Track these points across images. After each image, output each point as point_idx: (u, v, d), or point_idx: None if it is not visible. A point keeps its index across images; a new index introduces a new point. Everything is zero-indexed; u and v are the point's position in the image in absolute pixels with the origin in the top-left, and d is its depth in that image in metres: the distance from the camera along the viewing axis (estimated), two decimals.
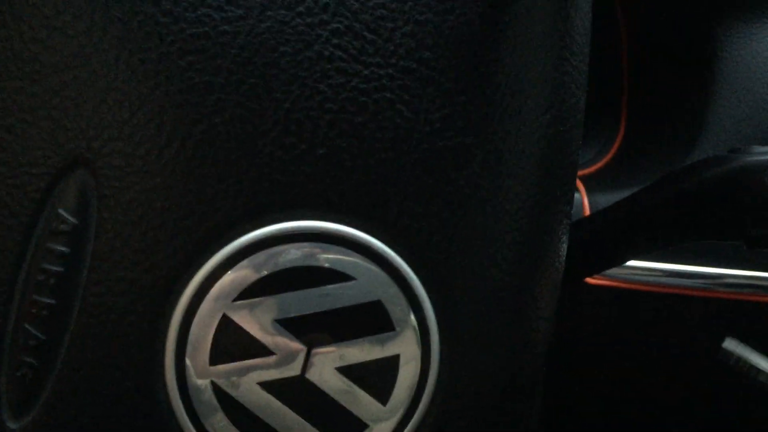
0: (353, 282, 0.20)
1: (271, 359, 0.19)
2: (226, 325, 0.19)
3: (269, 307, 0.19)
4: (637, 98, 0.49)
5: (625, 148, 0.49)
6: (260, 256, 0.19)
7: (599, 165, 0.48)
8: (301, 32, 0.20)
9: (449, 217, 0.20)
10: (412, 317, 0.20)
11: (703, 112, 0.44)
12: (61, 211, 0.19)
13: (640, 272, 0.44)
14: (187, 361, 0.19)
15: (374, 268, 0.20)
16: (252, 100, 0.19)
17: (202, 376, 0.19)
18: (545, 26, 0.21)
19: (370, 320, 0.20)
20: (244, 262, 0.19)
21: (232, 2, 0.19)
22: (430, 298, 0.20)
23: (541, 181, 0.22)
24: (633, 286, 0.44)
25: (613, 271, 0.44)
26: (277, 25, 0.20)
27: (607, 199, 0.45)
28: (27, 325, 0.19)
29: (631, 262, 0.44)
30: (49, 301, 0.19)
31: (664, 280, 0.44)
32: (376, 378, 0.20)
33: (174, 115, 0.19)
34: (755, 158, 0.32)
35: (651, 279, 0.44)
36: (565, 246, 0.24)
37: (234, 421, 0.19)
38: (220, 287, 0.19)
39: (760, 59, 0.44)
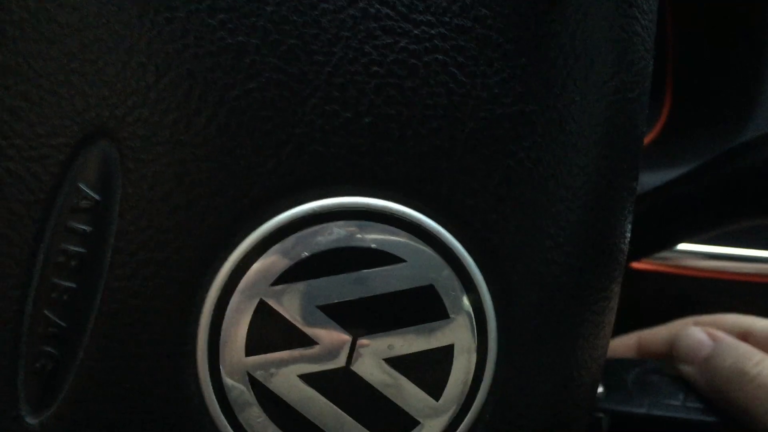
0: (402, 264, 0.18)
1: (313, 350, 0.17)
2: (263, 311, 0.17)
3: (311, 292, 0.17)
4: (682, 72, 0.46)
5: (671, 124, 0.46)
6: (299, 235, 0.17)
7: (644, 141, 0.46)
8: None
9: (507, 193, 0.18)
10: (467, 303, 0.18)
11: (755, 88, 0.42)
12: (82, 185, 0.17)
13: (687, 256, 0.42)
14: (221, 351, 0.17)
15: (425, 248, 0.18)
16: (290, 62, 0.17)
17: (237, 367, 0.17)
18: None
19: (422, 306, 0.18)
20: (282, 243, 0.17)
21: None
22: (487, 282, 0.18)
23: (607, 154, 0.20)
24: (680, 271, 0.41)
25: (660, 254, 0.42)
26: None
27: (653, 178, 0.43)
28: (46, 311, 0.17)
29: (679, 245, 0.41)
30: (70, 284, 0.17)
31: (712, 264, 0.42)
32: (428, 370, 0.18)
33: (204, 79, 0.17)
34: None
35: (699, 263, 0.42)
36: (629, 226, 0.22)
37: (272, 417, 0.18)
38: (256, 270, 0.17)
39: None
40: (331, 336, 0.17)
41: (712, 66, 0.46)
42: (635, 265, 0.41)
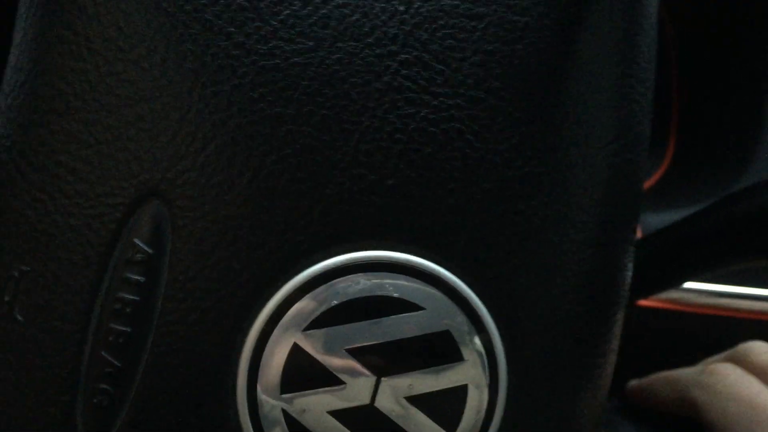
0: (422, 312, 0.20)
1: (341, 388, 0.19)
2: (296, 353, 0.19)
3: (339, 336, 0.19)
4: (686, 116, 0.48)
5: (675, 167, 0.48)
6: (330, 286, 0.19)
7: (648, 184, 0.48)
8: (370, 63, 0.20)
9: (516, 247, 0.20)
10: (480, 347, 0.20)
11: (757, 131, 0.44)
12: (136, 240, 0.20)
13: (692, 294, 0.43)
14: (259, 389, 0.19)
15: (442, 297, 0.20)
16: (322, 131, 0.20)
17: (273, 403, 0.19)
18: (612, 55, 0.21)
19: (439, 349, 0.20)
20: (315, 292, 0.19)
21: (303, 35, 0.20)
22: (498, 328, 0.20)
23: (607, 210, 0.22)
24: (685, 308, 0.43)
25: (665, 292, 0.43)
26: (347, 57, 0.20)
27: (658, 219, 0.45)
28: (104, 353, 0.19)
29: (686, 284, 0.43)
30: (124, 329, 0.19)
31: (716, 301, 0.43)
32: (445, 407, 0.20)
33: (246, 146, 0.19)
34: None
35: (703, 300, 0.43)
36: (630, 274, 0.23)
37: None
38: (290, 316, 0.19)
39: None
40: (357, 375, 0.19)
41: (714, 112, 0.48)
42: (643, 302, 0.43)
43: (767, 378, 0.33)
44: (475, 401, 0.20)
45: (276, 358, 0.19)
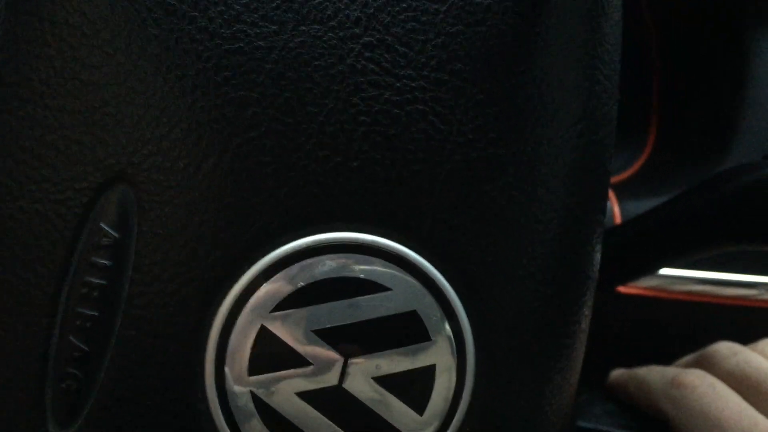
0: (389, 292, 0.20)
1: (309, 369, 0.19)
2: (263, 335, 0.19)
3: (306, 317, 0.19)
4: (667, 104, 0.49)
5: (656, 155, 0.48)
6: (296, 267, 0.20)
7: (630, 172, 0.48)
8: (333, 46, 0.20)
9: (483, 228, 0.21)
10: (448, 327, 0.20)
11: (735, 118, 0.44)
12: (102, 225, 0.20)
13: (671, 280, 0.44)
14: (227, 371, 0.19)
15: (409, 278, 0.20)
16: (287, 113, 0.20)
17: (241, 385, 0.19)
18: (575, 37, 0.22)
19: (406, 330, 0.20)
20: (281, 274, 0.20)
21: (266, 18, 0.20)
22: (465, 308, 0.20)
23: (574, 191, 0.22)
24: (664, 295, 0.43)
25: (644, 279, 0.43)
26: (310, 40, 0.20)
27: (638, 206, 0.45)
28: (71, 337, 0.19)
29: (662, 271, 0.43)
30: (92, 313, 0.19)
31: (696, 288, 0.44)
32: (413, 388, 0.20)
33: (211, 129, 0.20)
34: None
35: (683, 287, 0.43)
36: (599, 255, 0.24)
37: (272, 430, 0.19)
38: (257, 298, 0.19)
39: None
40: (325, 357, 0.20)
41: (694, 101, 0.48)
42: (621, 289, 0.43)
43: (735, 383, 0.33)
44: (444, 383, 0.20)
45: (244, 340, 0.19)
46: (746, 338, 0.42)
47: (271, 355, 0.19)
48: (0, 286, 0.20)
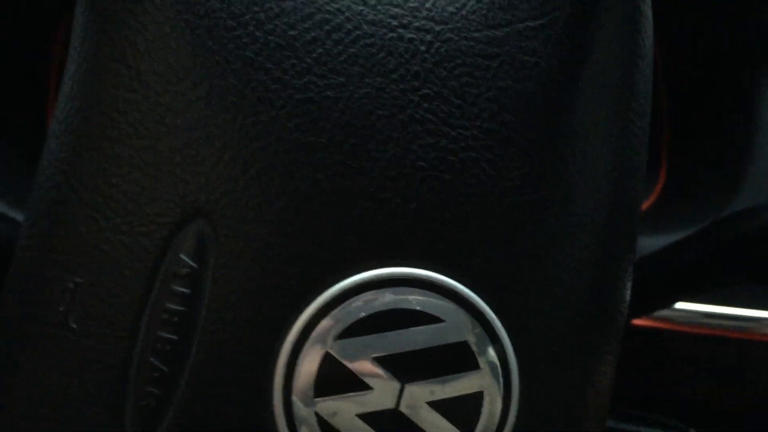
0: (442, 324, 0.22)
1: (369, 393, 0.21)
2: (328, 361, 0.21)
3: (367, 345, 0.21)
4: (677, 143, 0.51)
5: (667, 193, 0.50)
6: (359, 299, 0.21)
7: (641, 208, 0.50)
8: (395, 97, 0.22)
9: (527, 265, 0.22)
10: (495, 356, 0.22)
11: (743, 162, 0.46)
12: (182, 256, 0.21)
13: (685, 314, 0.45)
14: (294, 394, 0.21)
15: (461, 311, 0.22)
16: (351, 158, 0.22)
17: (307, 407, 0.21)
18: (613, 92, 0.24)
19: (457, 359, 0.22)
20: (345, 305, 0.21)
21: (335, 71, 0.22)
22: (511, 339, 0.22)
23: (608, 232, 0.24)
24: (678, 327, 0.45)
25: (659, 312, 0.45)
26: (374, 92, 0.22)
27: (650, 242, 0.47)
28: (152, 359, 0.21)
29: (677, 304, 0.45)
30: (171, 336, 0.21)
31: (708, 321, 0.45)
32: (462, 412, 0.22)
33: (282, 171, 0.21)
34: None
35: (696, 321, 0.45)
36: (629, 291, 0.25)
37: None
38: (322, 327, 0.21)
39: None
40: (384, 382, 0.21)
41: (705, 139, 0.50)
42: (637, 322, 0.45)
43: None
44: (490, 407, 0.22)
45: (309, 365, 0.21)
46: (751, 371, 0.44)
47: (334, 379, 0.21)
48: (86, 310, 0.21)
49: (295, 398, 0.21)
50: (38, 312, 0.22)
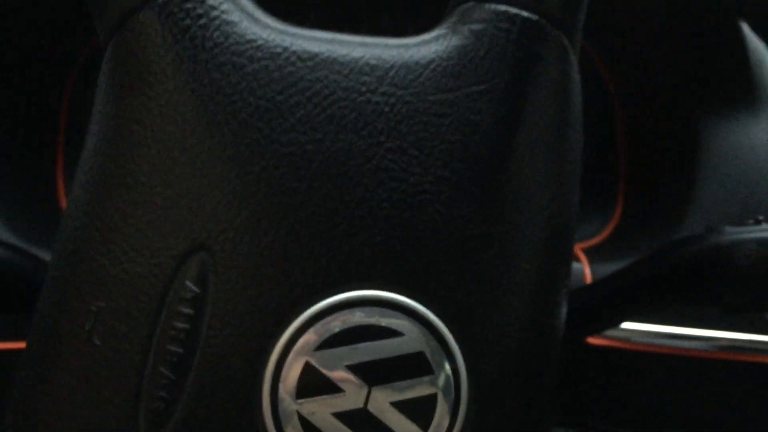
0: (402, 337, 0.26)
1: (342, 395, 0.26)
2: (308, 368, 0.26)
3: (341, 355, 0.26)
4: (632, 180, 0.56)
5: (623, 224, 0.55)
6: (334, 316, 0.26)
7: (599, 239, 0.55)
8: (364, 150, 0.27)
9: (475, 288, 0.27)
10: (447, 365, 0.26)
11: (689, 194, 0.51)
12: (187, 282, 0.26)
13: (635, 334, 0.50)
14: (279, 396, 0.25)
15: (418, 326, 0.26)
16: (327, 200, 0.26)
17: (290, 407, 0.25)
18: (546, 145, 0.28)
19: (415, 366, 0.26)
20: (322, 322, 0.26)
21: (314, 128, 0.26)
22: (461, 350, 0.27)
23: (544, 260, 0.28)
24: (629, 346, 0.50)
25: (612, 332, 0.50)
26: (346, 145, 0.27)
27: (607, 268, 0.52)
28: (162, 369, 0.26)
29: (628, 324, 0.50)
30: (177, 350, 0.26)
31: (656, 341, 0.50)
32: (420, 410, 0.26)
33: (270, 211, 0.26)
34: (726, 237, 0.39)
35: (645, 340, 0.50)
36: (564, 309, 0.30)
37: None
38: (303, 340, 0.26)
39: (737, 149, 0.51)
40: (354, 386, 0.26)
41: (656, 171, 0.55)
42: (591, 340, 0.49)
43: None
44: (443, 407, 0.27)
45: (292, 372, 0.26)
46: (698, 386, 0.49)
47: (313, 384, 0.26)
48: (107, 329, 0.26)
49: (280, 400, 0.25)
50: (66, 331, 0.26)
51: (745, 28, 0.53)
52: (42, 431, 0.26)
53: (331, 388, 0.26)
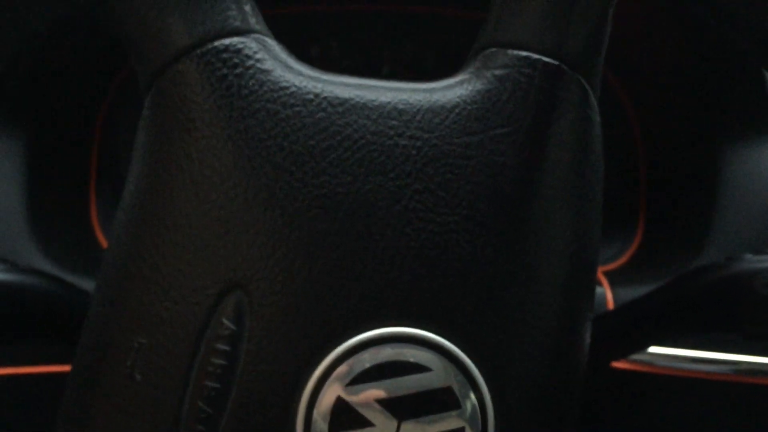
0: (431, 372, 0.27)
1: (372, 429, 0.27)
2: (340, 403, 0.27)
3: (371, 390, 0.27)
4: (652, 206, 0.56)
5: (644, 247, 0.56)
6: (364, 353, 0.27)
7: (620, 262, 0.56)
8: (392, 192, 0.28)
9: (500, 323, 0.28)
10: (474, 398, 0.27)
11: (709, 219, 0.52)
12: (224, 320, 0.27)
13: (659, 357, 0.51)
14: (312, 430, 0.26)
15: (446, 361, 0.27)
16: (358, 240, 0.27)
17: None
18: (567, 184, 0.29)
19: (443, 400, 0.27)
20: (353, 358, 0.27)
21: (344, 171, 0.28)
22: (487, 384, 0.28)
23: (568, 295, 0.29)
24: (653, 370, 0.50)
25: (636, 356, 0.50)
26: (376, 187, 0.28)
27: (628, 293, 0.52)
28: (200, 403, 0.27)
29: (651, 348, 0.50)
30: (215, 385, 0.27)
31: (680, 365, 0.51)
32: None
33: (303, 251, 0.27)
34: (746, 266, 0.39)
35: (669, 364, 0.50)
36: (587, 341, 0.31)
37: None
38: (336, 376, 0.27)
39: (756, 176, 0.51)
40: (383, 420, 0.27)
41: (676, 197, 0.56)
42: (615, 364, 0.50)
43: None
44: None
45: (325, 406, 0.27)
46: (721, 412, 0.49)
47: (345, 417, 0.27)
48: (148, 365, 0.27)
49: None
50: (109, 366, 0.27)
51: None
52: None
53: (361, 421, 0.27)
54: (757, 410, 0.50)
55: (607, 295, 0.52)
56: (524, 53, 0.29)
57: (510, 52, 0.29)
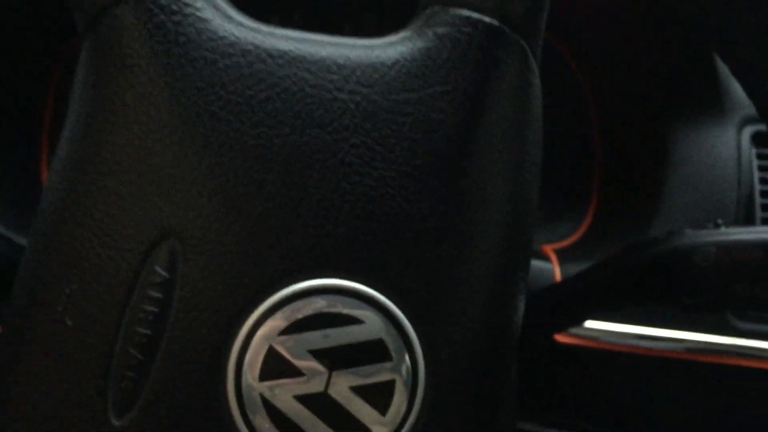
0: (363, 324, 0.27)
1: (303, 379, 0.27)
2: (271, 353, 0.27)
3: (303, 341, 0.27)
4: (605, 184, 0.57)
5: (594, 226, 0.57)
6: (297, 303, 0.27)
7: (571, 240, 0.56)
8: (329, 145, 0.28)
9: (433, 278, 0.28)
10: (406, 352, 0.28)
11: (658, 199, 0.53)
12: (156, 267, 0.27)
13: (604, 333, 0.51)
14: (243, 379, 0.27)
15: (379, 314, 0.27)
16: (293, 192, 0.27)
17: (253, 389, 0.27)
18: (506, 143, 0.30)
19: (374, 353, 0.27)
20: (285, 308, 0.27)
21: (282, 123, 0.28)
22: (419, 337, 0.28)
23: (502, 254, 0.30)
24: (598, 345, 0.51)
25: (581, 331, 0.51)
26: (313, 140, 0.28)
27: (577, 269, 0.53)
28: (130, 349, 0.27)
29: (597, 324, 0.51)
30: (146, 331, 0.27)
31: (623, 341, 0.51)
32: (378, 395, 0.27)
33: (238, 200, 0.27)
34: (686, 240, 0.40)
35: (613, 339, 0.51)
36: (522, 302, 0.31)
37: (274, 422, 0.27)
38: (268, 326, 0.27)
39: (704, 157, 0.52)
40: (315, 370, 0.27)
41: (626, 176, 0.57)
42: (560, 339, 0.51)
43: None
44: (401, 391, 0.28)
45: (256, 356, 0.27)
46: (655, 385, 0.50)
47: (275, 367, 0.27)
48: (79, 310, 0.27)
49: (244, 382, 0.27)
50: (40, 311, 0.27)
51: None
52: (13, 408, 0.27)
53: (293, 371, 0.27)
54: (694, 386, 0.51)
55: (556, 271, 0.53)
56: (465, 12, 0.29)
57: (452, 10, 0.29)
